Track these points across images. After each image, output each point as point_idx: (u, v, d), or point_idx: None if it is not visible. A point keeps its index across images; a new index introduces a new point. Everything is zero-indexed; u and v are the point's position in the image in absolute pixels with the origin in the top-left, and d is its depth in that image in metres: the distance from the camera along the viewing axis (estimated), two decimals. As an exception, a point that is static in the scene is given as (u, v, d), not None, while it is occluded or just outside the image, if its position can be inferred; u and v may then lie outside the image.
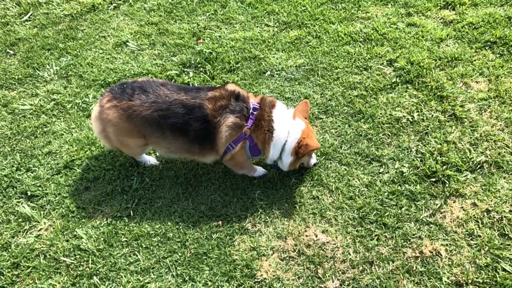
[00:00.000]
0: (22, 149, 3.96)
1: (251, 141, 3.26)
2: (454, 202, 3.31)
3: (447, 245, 3.07)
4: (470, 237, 3.09)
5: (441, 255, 3.01)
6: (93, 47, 5.11)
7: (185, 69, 4.68)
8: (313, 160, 3.56)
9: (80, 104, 4.36)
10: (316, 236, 3.20)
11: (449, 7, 5.24)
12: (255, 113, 3.18)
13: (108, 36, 5.26)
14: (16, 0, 5.98)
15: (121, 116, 3.18)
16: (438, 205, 3.29)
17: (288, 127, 3.22)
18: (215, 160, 3.49)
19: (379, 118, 3.99)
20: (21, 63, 4.95)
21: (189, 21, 5.40)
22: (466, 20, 4.96)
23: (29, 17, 5.70)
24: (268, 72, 4.58)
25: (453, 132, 3.80)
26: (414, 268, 2.97)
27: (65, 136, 4.06)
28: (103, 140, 3.46)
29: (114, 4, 5.79)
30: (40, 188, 3.63)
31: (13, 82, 4.70)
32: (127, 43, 5.09)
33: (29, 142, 4.03)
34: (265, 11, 5.43)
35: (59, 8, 5.79)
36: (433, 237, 3.12)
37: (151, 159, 3.75)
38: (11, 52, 5.13)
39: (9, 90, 4.62)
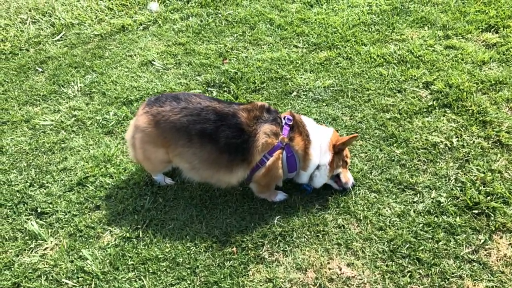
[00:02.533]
0: (38, 164, 3.86)
1: (288, 151, 3.07)
2: (500, 238, 2.90)
3: (492, 287, 2.65)
4: (521, 280, 2.67)
5: (486, 298, 2.60)
6: (119, 65, 5.07)
7: (209, 88, 4.52)
8: (350, 179, 3.31)
9: (100, 121, 4.26)
10: (340, 270, 2.85)
11: (492, 29, 4.91)
12: (289, 123, 3.10)
13: (135, 55, 5.22)
14: (51, 21, 6.11)
15: (150, 122, 3.07)
16: (482, 241, 2.89)
17: (319, 128, 3.24)
18: (241, 178, 3.14)
19: (414, 143, 3.66)
20: (48, 80, 4.96)
21: (217, 42, 5.30)
22: (511, 43, 4.61)
23: (61, 37, 5.78)
24: (295, 93, 4.36)
25: (498, 160, 3.41)
26: (454, 312, 2.57)
27: (82, 152, 3.93)
28: (130, 149, 3.32)
29: (144, 25, 5.80)
30: (51, 205, 3.47)
31: (38, 99, 4.68)
32: (152, 62, 5.02)
33: (45, 158, 3.92)
34: (294, 33, 5.27)
35: (90, 28, 5.85)
36: (476, 277, 2.71)
37: (166, 179, 3.55)
38: (40, 69, 5.16)
39: (33, 106, 4.60)
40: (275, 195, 3.33)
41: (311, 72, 4.63)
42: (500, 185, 3.20)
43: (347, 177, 3.32)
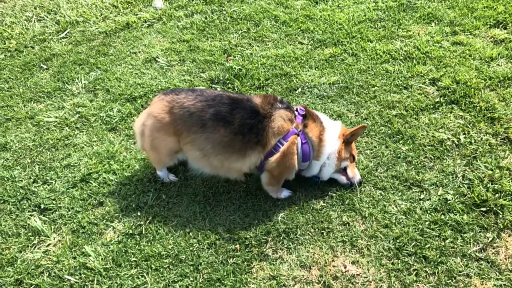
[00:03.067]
0: (42, 161, 3.85)
1: (303, 138, 3.07)
2: (509, 236, 2.84)
3: (501, 286, 2.59)
4: (530, 278, 2.61)
5: (494, 297, 2.55)
6: (123, 62, 5.05)
7: (213, 85, 4.49)
8: (357, 175, 3.29)
9: (104, 117, 4.24)
10: (345, 267, 2.81)
11: (500, 25, 4.85)
12: (302, 112, 3.13)
13: (139, 52, 5.20)
14: (56, 19, 6.11)
15: (164, 108, 3.10)
16: (490, 239, 2.83)
17: (329, 120, 3.30)
18: (253, 165, 3.08)
19: (420, 140, 3.60)
20: (52, 77, 4.95)
21: (221, 39, 5.27)
22: (520, 39, 4.54)
23: (65, 34, 5.77)
24: (299, 89, 4.31)
25: (506, 157, 3.35)
26: (461, 311, 2.51)
27: (86, 149, 3.92)
28: (138, 138, 3.32)
29: (148, 23, 5.78)
30: (54, 202, 3.46)
31: (42, 96, 4.68)
32: (157, 59, 5.00)
33: (49, 154, 3.91)
34: (299, 29, 5.22)
35: (95, 26, 5.85)
36: (484, 276, 2.65)
37: (170, 175, 3.52)
38: (45, 66, 5.15)
39: (37, 103, 4.59)
40: (281, 191, 3.29)
41: (316, 69, 4.58)
42: (509, 182, 3.14)
43: (354, 172, 3.28)
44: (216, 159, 3.10)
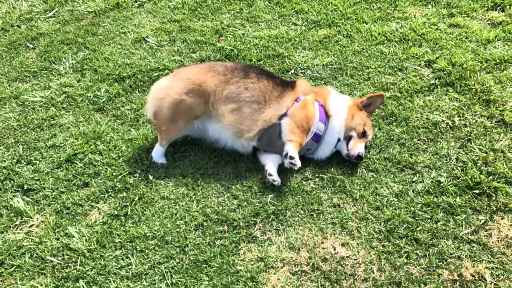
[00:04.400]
0: (26, 141, 3.74)
1: (318, 101, 3.32)
2: (502, 219, 2.78)
3: (493, 268, 2.54)
4: (523, 261, 2.56)
5: (485, 280, 2.49)
6: (112, 42, 4.92)
7: (204, 65, 4.38)
8: (359, 149, 3.20)
9: (91, 97, 4.13)
10: (335, 249, 2.75)
11: (498, 8, 4.75)
12: None
13: (129, 32, 5.07)
14: (44, -2, 5.95)
15: (202, 69, 3.33)
16: (482, 221, 2.77)
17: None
18: (282, 111, 3.24)
19: (414, 122, 3.53)
20: (39, 57, 4.82)
21: (213, 19, 5.14)
22: (517, 21, 4.45)
23: (53, 13, 5.63)
24: (292, 70, 4.21)
25: (501, 140, 3.28)
26: (452, 293, 2.46)
27: (72, 129, 3.81)
28: (154, 102, 3.29)
29: (139, 2, 5.64)
30: (38, 182, 3.36)
31: (28, 75, 4.55)
32: (146, 39, 4.87)
33: (34, 135, 3.81)
34: (293, 10, 5.11)
35: (84, 5, 5.70)
36: (475, 258, 2.60)
37: (162, 157, 3.42)
38: (31, 46, 5.02)
39: (23, 83, 4.47)
40: (295, 152, 3.10)
41: (310, 50, 4.48)
42: (503, 164, 3.07)
43: (356, 145, 3.21)
44: (249, 108, 3.21)
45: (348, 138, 3.28)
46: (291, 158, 3.04)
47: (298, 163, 3.04)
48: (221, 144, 3.41)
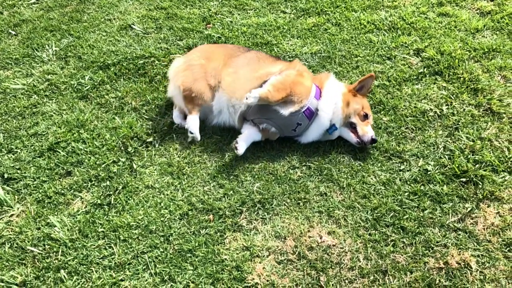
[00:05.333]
0: (7, 129, 3.65)
1: (315, 84, 3.35)
2: (488, 207, 2.77)
3: (478, 256, 2.53)
4: (508, 248, 2.55)
5: (471, 267, 2.48)
6: (97, 29, 4.81)
7: (190, 53, 4.31)
8: (370, 132, 3.18)
9: (75, 85, 4.04)
10: (321, 238, 2.72)
11: (487, -3, 4.72)
12: None
13: (114, 19, 4.96)
14: (27, -16, 5.79)
15: (218, 45, 3.96)
16: (469, 209, 2.76)
17: None
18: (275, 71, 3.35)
19: (402, 111, 3.50)
20: (21, 44, 4.70)
21: (200, 6, 5.05)
22: (506, 11, 4.43)
23: (36, 0, 5.48)
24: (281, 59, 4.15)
25: (488, 128, 3.27)
26: (437, 281, 2.44)
27: (55, 117, 3.72)
28: (176, 76, 3.47)
29: (125, -11, 5.51)
30: (19, 171, 3.28)
31: (10, 62, 4.43)
32: (132, 26, 4.77)
33: (15, 123, 3.71)
34: (282, -2, 5.03)
35: (68, -9, 5.56)
36: (461, 246, 2.59)
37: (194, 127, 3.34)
38: (13, 32, 4.89)
39: (4, 70, 4.35)
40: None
41: (298, 38, 4.42)
42: (490, 153, 3.06)
43: (365, 130, 3.18)
44: (244, 70, 3.40)
45: (352, 126, 3.25)
46: (252, 94, 3.06)
47: (251, 100, 3.05)
48: (220, 117, 3.48)
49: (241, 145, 3.12)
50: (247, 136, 3.22)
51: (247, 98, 3.04)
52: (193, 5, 5.09)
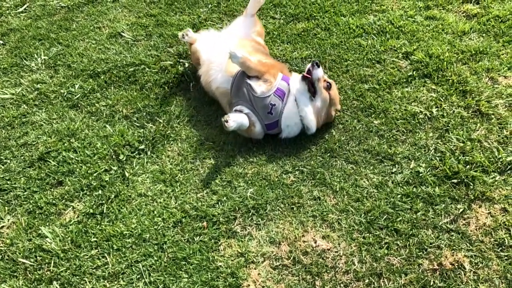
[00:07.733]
0: (-4, 139, 3.61)
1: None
2: (479, 207, 2.80)
3: (471, 256, 2.56)
4: (500, 248, 2.57)
5: (464, 268, 2.50)
6: (86, 37, 4.79)
7: (181, 60, 4.31)
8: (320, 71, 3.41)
9: (65, 94, 4.01)
10: (315, 242, 2.72)
11: (473, 0, 4.78)
12: None
13: (103, 27, 4.95)
14: (14, -7, 5.75)
15: None
16: (461, 210, 2.79)
17: None
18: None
19: (393, 114, 3.53)
20: (9, 53, 4.66)
21: (190, 13, 5.05)
22: (492, 13, 4.49)
23: (24, 8, 5.44)
24: (271, 64, 4.17)
25: (478, 130, 3.31)
26: (432, 282, 2.46)
27: (44, 126, 3.69)
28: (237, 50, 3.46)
29: (114, -3, 5.50)
30: (8, 182, 3.25)
31: (-2, 72, 4.40)
32: (122, 34, 4.76)
33: (4, 133, 3.67)
34: (271, 4, 5.05)
35: (57, 0, 5.52)
36: (454, 247, 2.61)
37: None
38: (1, 42, 4.84)
39: (-7, 80, 4.31)
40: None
41: (288, 43, 4.44)
42: (480, 154, 3.10)
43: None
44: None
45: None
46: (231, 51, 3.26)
47: (237, 54, 3.25)
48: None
49: (233, 121, 3.11)
50: (238, 116, 3.21)
51: (227, 52, 3.26)
52: (183, 12, 5.09)
